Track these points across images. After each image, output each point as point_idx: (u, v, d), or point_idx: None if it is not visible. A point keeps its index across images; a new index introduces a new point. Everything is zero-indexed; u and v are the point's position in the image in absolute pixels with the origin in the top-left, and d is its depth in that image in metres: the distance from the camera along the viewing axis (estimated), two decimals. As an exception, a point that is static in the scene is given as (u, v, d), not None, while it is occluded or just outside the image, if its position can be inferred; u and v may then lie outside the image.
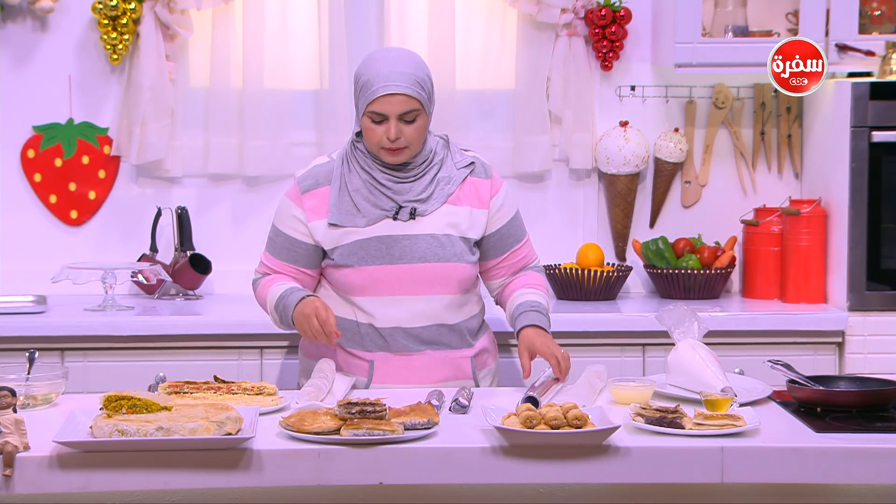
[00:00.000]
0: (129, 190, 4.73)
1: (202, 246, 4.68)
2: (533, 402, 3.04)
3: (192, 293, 4.59)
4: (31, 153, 4.69)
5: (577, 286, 4.56)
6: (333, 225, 3.40)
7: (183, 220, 4.63)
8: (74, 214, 4.70)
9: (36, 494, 2.72)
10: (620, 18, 4.67)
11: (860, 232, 4.34)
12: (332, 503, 2.84)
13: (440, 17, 4.65)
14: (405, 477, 2.75)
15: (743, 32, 4.59)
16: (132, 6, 4.54)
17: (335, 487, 2.77)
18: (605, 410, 2.91)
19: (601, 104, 4.78)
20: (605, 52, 4.69)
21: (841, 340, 4.35)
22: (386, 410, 2.81)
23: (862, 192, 4.34)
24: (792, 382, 3.16)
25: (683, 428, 2.84)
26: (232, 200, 4.76)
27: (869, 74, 4.44)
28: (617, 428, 2.77)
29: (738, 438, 2.81)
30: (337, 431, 2.78)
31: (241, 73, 4.65)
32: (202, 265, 4.60)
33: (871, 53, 4.44)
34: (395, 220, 3.39)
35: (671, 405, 2.95)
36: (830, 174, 4.49)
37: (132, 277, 4.48)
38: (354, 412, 2.79)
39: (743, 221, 4.72)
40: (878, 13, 4.58)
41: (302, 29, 4.70)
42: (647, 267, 4.67)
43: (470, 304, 3.51)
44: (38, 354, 3.29)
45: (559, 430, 2.77)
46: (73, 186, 4.69)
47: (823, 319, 4.35)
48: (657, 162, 4.75)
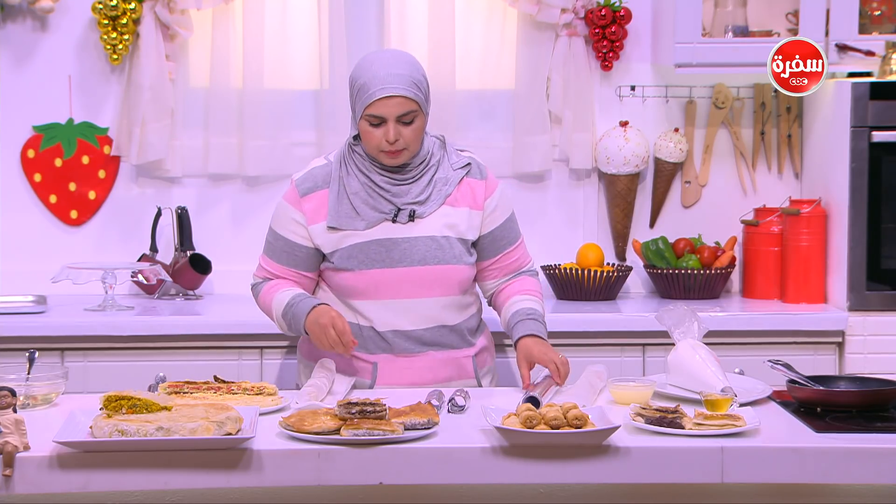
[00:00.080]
0: (129, 190, 4.73)
1: (202, 246, 4.68)
2: (534, 401, 3.04)
3: (192, 293, 4.59)
4: (31, 153, 4.69)
5: (577, 286, 4.56)
6: (332, 228, 3.40)
7: (183, 220, 4.63)
8: (74, 214, 4.70)
9: (36, 494, 2.72)
10: (620, 18, 4.67)
11: (860, 232, 4.34)
12: (332, 503, 2.84)
13: (440, 17, 4.65)
14: (405, 477, 2.75)
15: (743, 32, 4.59)
16: (132, 6, 4.54)
17: (335, 487, 2.77)
18: (605, 410, 2.91)
19: (601, 104, 4.78)
20: (605, 52, 4.69)
21: (841, 340, 4.35)
22: (386, 410, 2.81)
23: (862, 192, 4.34)
24: (792, 382, 3.15)
25: (683, 428, 2.83)
26: (232, 200, 4.76)
27: (869, 74, 4.44)
28: (617, 428, 2.77)
29: (738, 438, 2.81)
30: (337, 431, 2.78)
31: (241, 73, 4.65)
32: (202, 265, 4.60)
33: (871, 53, 4.44)
34: (393, 222, 3.39)
35: (671, 405, 2.95)
36: (830, 174, 4.49)
37: (132, 277, 4.48)
38: (354, 412, 2.79)
39: (743, 221, 4.72)
40: (878, 13, 4.58)
41: (302, 29, 4.70)
42: (647, 267, 4.67)
43: (469, 304, 3.51)
44: (38, 354, 3.29)
45: (559, 430, 2.77)
46: (73, 186, 4.69)
47: (823, 319, 4.35)
48: (657, 162, 4.75)
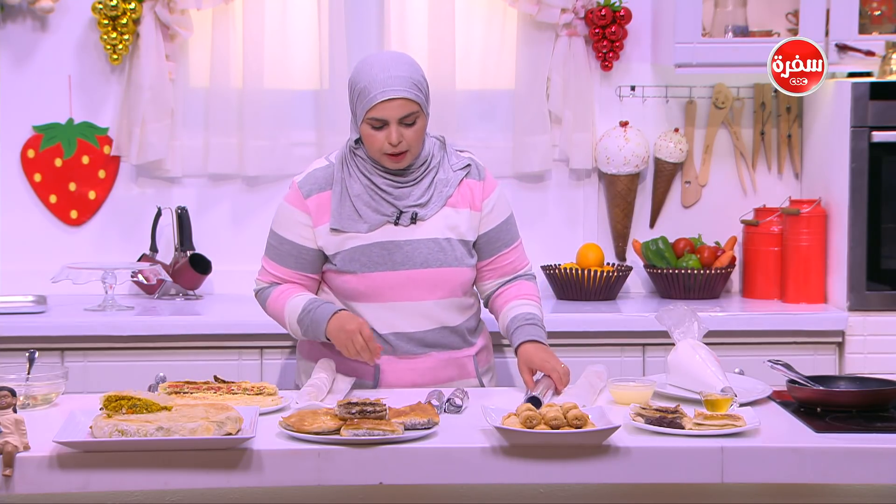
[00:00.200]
0: (129, 190, 4.73)
1: (202, 246, 4.67)
2: (535, 402, 3.04)
3: (192, 293, 4.59)
4: (31, 153, 4.69)
5: (577, 286, 4.56)
6: (335, 230, 3.39)
7: (183, 220, 4.63)
8: (74, 214, 4.70)
9: (36, 494, 2.72)
10: (620, 18, 4.67)
11: (860, 232, 4.34)
12: (332, 503, 2.85)
13: (440, 17, 4.65)
14: (405, 477, 2.75)
15: (743, 32, 4.59)
16: (132, 6, 4.54)
17: (335, 487, 2.77)
18: (605, 410, 2.91)
19: (601, 104, 4.78)
20: (605, 52, 4.69)
21: (841, 340, 4.35)
22: (386, 410, 2.81)
23: (862, 192, 4.34)
24: (792, 382, 3.15)
25: (683, 428, 2.84)
26: (232, 200, 4.76)
27: (869, 74, 4.44)
28: (617, 428, 2.77)
29: (738, 438, 2.81)
30: (337, 431, 2.78)
31: (241, 73, 4.65)
32: (202, 265, 4.60)
33: (871, 53, 4.44)
34: (395, 225, 3.38)
35: (671, 405, 2.95)
36: (830, 174, 4.49)
37: (132, 277, 4.48)
38: (354, 412, 2.79)
39: (743, 221, 4.72)
40: (878, 13, 4.58)
41: (302, 29, 4.70)
42: (647, 267, 4.67)
43: (469, 304, 3.51)
44: (38, 354, 3.29)
45: (559, 430, 2.77)
46: (73, 186, 4.69)
47: (823, 319, 4.35)
48: (657, 162, 4.75)
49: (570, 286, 4.57)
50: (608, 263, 4.69)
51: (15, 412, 2.71)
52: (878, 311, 4.34)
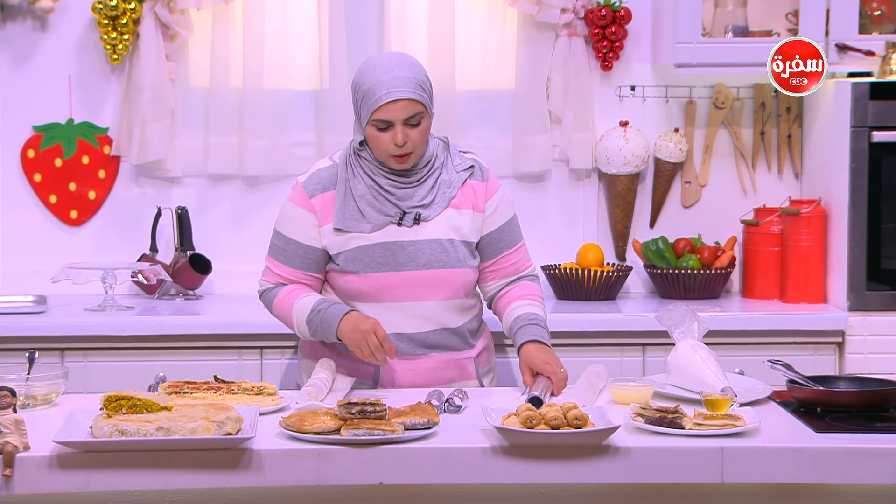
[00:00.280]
0: (129, 190, 4.73)
1: (202, 246, 4.67)
2: (536, 401, 3.04)
3: (192, 293, 4.59)
4: (31, 153, 4.69)
5: (577, 286, 4.56)
6: (339, 230, 3.39)
7: (183, 220, 4.63)
8: (74, 214, 4.70)
9: (36, 494, 2.72)
10: (620, 18, 4.67)
11: (860, 232, 4.34)
12: (332, 503, 2.84)
13: (440, 17, 4.65)
14: (405, 477, 2.75)
15: (743, 32, 4.59)
16: (132, 6, 4.54)
17: (335, 487, 2.77)
18: (605, 410, 2.91)
19: (601, 104, 4.78)
20: (605, 52, 4.69)
21: (841, 340, 4.35)
22: (386, 410, 2.81)
23: (862, 192, 4.34)
24: (792, 382, 3.15)
25: (683, 428, 2.83)
26: (232, 200, 4.76)
27: (869, 74, 4.44)
28: (617, 428, 2.77)
29: (738, 438, 2.81)
30: (337, 431, 2.78)
31: (241, 73, 4.65)
32: (202, 265, 4.60)
33: (871, 53, 4.44)
34: (399, 225, 3.38)
35: (671, 405, 2.95)
36: (830, 174, 4.49)
37: (132, 277, 4.48)
38: (354, 412, 2.79)
39: (743, 221, 4.72)
40: (878, 13, 4.58)
41: (302, 29, 4.70)
42: (647, 267, 4.67)
43: (471, 306, 3.50)
44: (38, 354, 3.29)
45: (559, 430, 2.77)
46: (73, 186, 4.69)
47: (823, 319, 4.35)
48: (657, 162, 4.75)
49: (570, 286, 4.57)
50: (608, 263, 4.69)
51: (15, 412, 2.71)
52: (878, 311, 4.34)
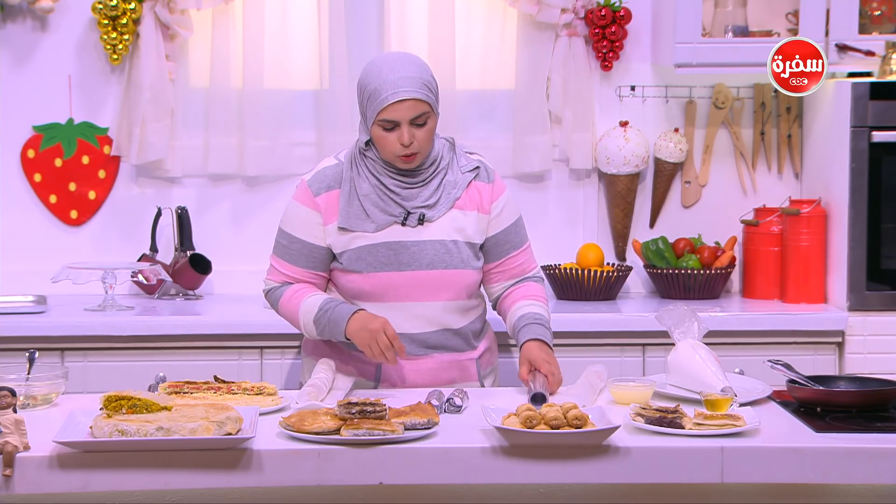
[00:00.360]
0: (129, 190, 4.73)
1: (202, 246, 4.67)
2: (540, 398, 3.04)
3: (192, 293, 4.59)
4: (31, 153, 4.69)
5: (577, 286, 4.56)
6: (343, 229, 3.38)
7: (183, 220, 4.63)
8: (74, 214, 4.70)
9: (36, 494, 2.72)
10: (620, 18, 4.67)
11: (860, 232, 4.34)
12: (332, 503, 2.84)
13: (440, 17, 4.65)
14: (405, 477, 2.75)
15: (743, 32, 4.59)
16: (132, 6, 4.54)
17: (335, 487, 2.77)
18: (605, 410, 2.91)
19: (601, 104, 4.78)
20: (605, 52, 4.69)
21: (841, 340, 4.35)
22: (386, 410, 2.81)
23: (862, 192, 4.34)
24: (792, 382, 3.15)
25: (683, 428, 2.83)
26: (232, 200, 4.76)
27: (869, 74, 4.44)
28: (617, 428, 2.77)
29: (738, 438, 2.81)
30: (337, 431, 2.78)
31: (241, 73, 4.65)
32: (202, 265, 4.60)
33: (871, 53, 4.44)
34: (403, 225, 3.38)
35: (671, 405, 2.95)
36: (830, 174, 4.49)
37: (132, 277, 4.48)
38: (354, 412, 2.79)
39: (743, 221, 4.72)
40: (878, 13, 4.58)
41: (302, 29, 4.70)
42: (647, 267, 4.67)
43: (474, 307, 3.50)
44: (38, 354, 3.29)
45: (559, 430, 2.77)
46: (73, 186, 4.69)
47: (823, 319, 4.35)
48: (657, 162, 4.75)
49: (570, 286, 4.57)
50: (608, 263, 4.69)
51: (15, 412, 2.71)
52: (878, 311, 4.34)
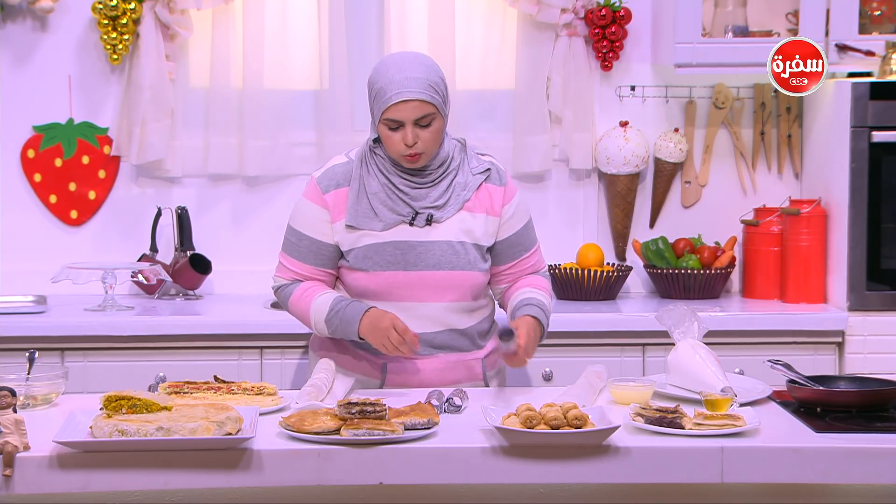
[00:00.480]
0: (129, 190, 4.73)
1: (202, 246, 4.67)
2: (508, 334, 3.13)
3: (192, 293, 4.59)
4: (31, 153, 4.69)
5: (577, 286, 4.56)
6: (350, 227, 3.38)
7: (183, 220, 4.63)
8: (74, 214, 4.70)
9: (36, 494, 2.72)
10: (620, 18, 4.67)
11: (860, 232, 4.34)
12: (332, 503, 2.84)
13: (440, 17, 4.65)
14: (405, 477, 2.75)
15: (743, 32, 4.59)
16: (132, 6, 4.54)
17: (335, 487, 2.77)
18: (605, 410, 2.91)
19: (601, 104, 4.78)
20: (605, 52, 4.69)
21: (841, 340, 4.35)
22: (386, 410, 2.81)
23: (862, 192, 4.34)
24: (792, 382, 3.15)
25: (683, 428, 2.83)
26: (232, 200, 4.76)
27: (869, 74, 4.44)
28: (617, 428, 2.77)
29: (738, 438, 2.81)
30: (337, 431, 2.78)
31: (241, 73, 4.65)
32: (202, 265, 4.60)
33: (871, 53, 4.44)
34: (411, 225, 3.38)
35: (671, 405, 2.95)
36: (830, 174, 4.49)
37: (132, 277, 4.48)
38: (354, 412, 2.79)
39: (743, 221, 4.72)
40: (878, 13, 4.58)
41: (302, 29, 4.70)
42: (647, 267, 4.67)
43: (481, 308, 3.49)
44: (38, 354, 3.29)
45: (559, 430, 2.77)
46: (73, 186, 4.69)
47: (823, 319, 4.35)
48: (657, 162, 4.75)
49: (570, 286, 4.57)
50: (608, 263, 4.69)
51: (15, 412, 2.71)
52: (878, 311, 4.34)
